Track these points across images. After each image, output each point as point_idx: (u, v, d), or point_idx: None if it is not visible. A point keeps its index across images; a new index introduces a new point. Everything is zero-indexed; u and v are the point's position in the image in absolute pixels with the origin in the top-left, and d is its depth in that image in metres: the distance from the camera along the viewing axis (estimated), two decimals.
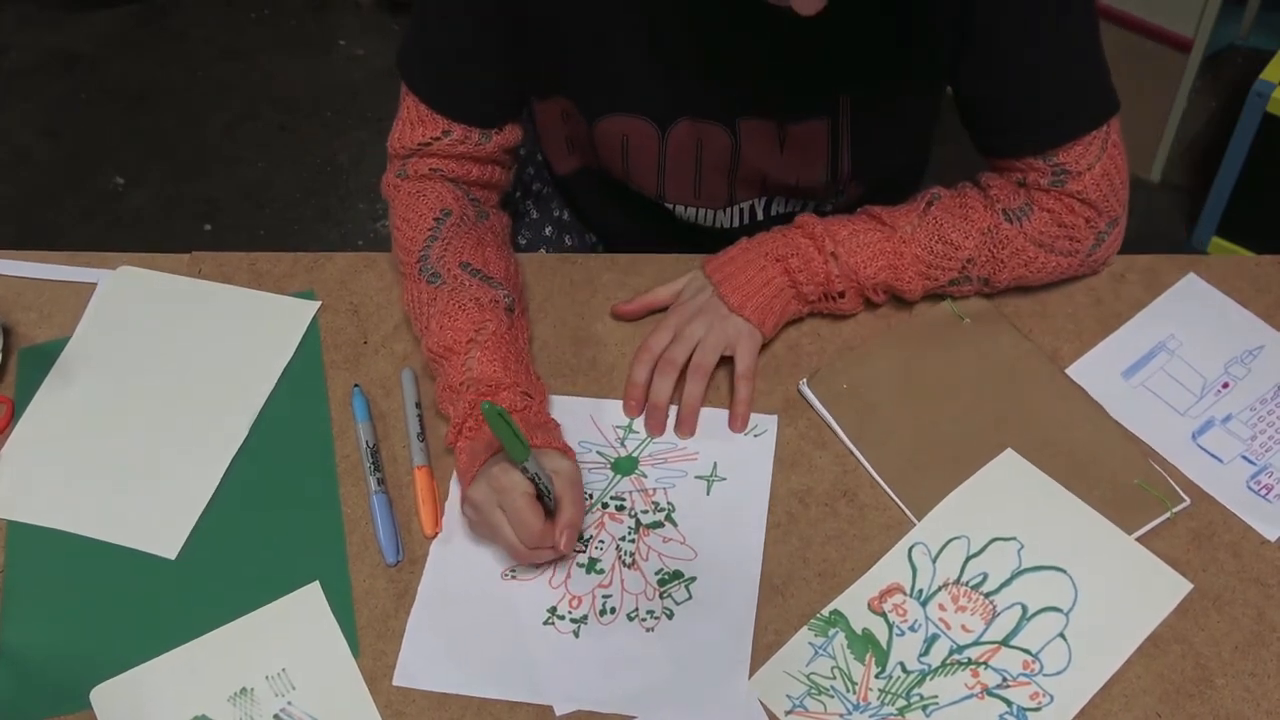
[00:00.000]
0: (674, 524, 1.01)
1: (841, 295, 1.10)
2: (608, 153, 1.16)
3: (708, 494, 1.03)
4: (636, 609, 0.96)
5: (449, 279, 1.06)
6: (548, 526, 0.94)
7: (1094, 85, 1.04)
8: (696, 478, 1.04)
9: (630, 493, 1.03)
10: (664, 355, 1.09)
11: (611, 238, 1.36)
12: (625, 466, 1.05)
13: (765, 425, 1.06)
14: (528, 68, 1.09)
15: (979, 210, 1.08)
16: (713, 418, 1.07)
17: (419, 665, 0.94)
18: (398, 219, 1.12)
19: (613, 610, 0.96)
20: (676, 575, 0.98)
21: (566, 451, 0.99)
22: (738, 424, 1.06)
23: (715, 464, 1.04)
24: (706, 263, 1.13)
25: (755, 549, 0.99)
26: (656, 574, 0.98)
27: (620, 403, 1.08)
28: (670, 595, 0.97)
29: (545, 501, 0.95)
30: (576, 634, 0.95)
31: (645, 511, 1.02)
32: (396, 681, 0.93)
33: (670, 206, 1.22)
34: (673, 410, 1.08)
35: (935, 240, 1.08)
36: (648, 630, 0.95)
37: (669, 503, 1.02)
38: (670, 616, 0.96)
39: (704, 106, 1.10)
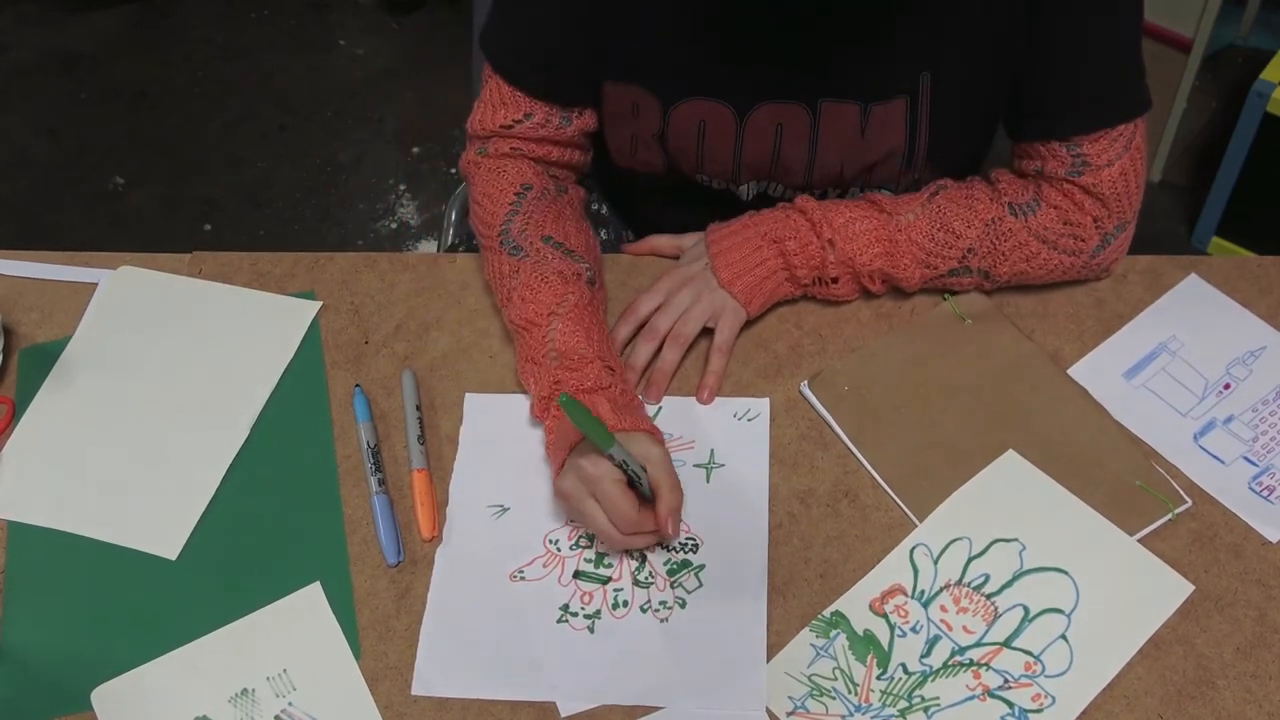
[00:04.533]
0: None
1: (835, 281, 1.10)
2: (681, 140, 1.15)
3: (708, 481, 1.03)
4: (649, 601, 0.97)
5: (531, 252, 1.07)
6: (643, 512, 0.94)
7: (1130, 81, 1.06)
8: (695, 466, 1.04)
9: None
10: (649, 323, 1.11)
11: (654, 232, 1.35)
12: None
13: (758, 409, 1.07)
14: (607, 50, 1.10)
15: (984, 201, 1.09)
16: (705, 406, 1.07)
17: (436, 673, 0.94)
18: (477, 194, 1.14)
19: (625, 604, 0.97)
20: (685, 564, 0.99)
21: (654, 434, 0.99)
22: (704, 394, 1.07)
23: (712, 451, 1.05)
24: (710, 230, 1.13)
25: (761, 532, 0.99)
26: (665, 564, 0.98)
27: None
28: (681, 585, 0.97)
29: (637, 486, 0.94)
30: (591, 630, 0.95)
31: None
32: (415, 690, 0.93)
33: (740, 189, 1.21)
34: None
35: (937, 228, 1.08)
36: (662, 621, 0.96)
37: None
38: (683, 606, 0.96)
39: (785, 89, 1.09)
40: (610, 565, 0.99)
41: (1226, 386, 1.07)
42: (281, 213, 2.45)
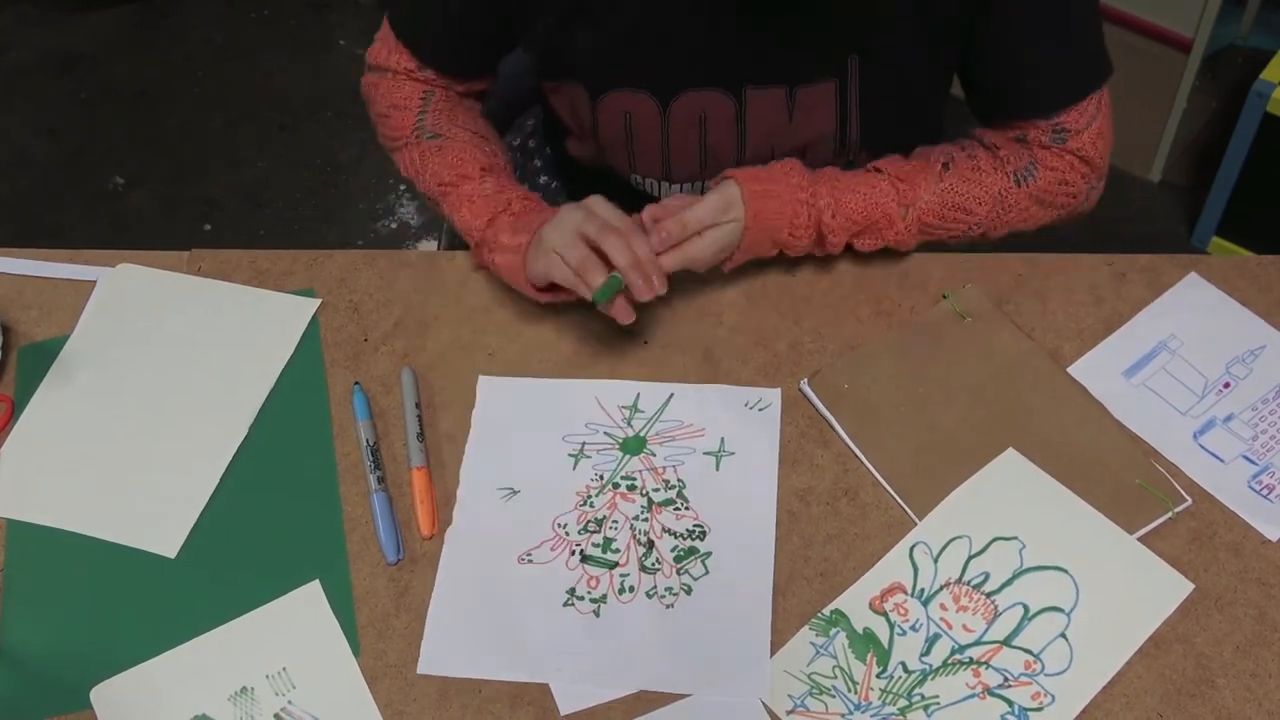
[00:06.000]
0: (686, 500, 1.02)
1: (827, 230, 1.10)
2: (611, 137, 1.16)
3: (717, 469, 1.03)
4: (655, 587, 0.97)
5: (451, 134, 1.14)
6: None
7: (1094, 50, 1.10)
8: (705, 453, 1.04)
9: (640, 472, 1.03)
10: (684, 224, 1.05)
11: None
12: (633, 446, 1.05)
13: (769, 399, 1.07)
14: (522, 38, 1.14)
15: (990, 174, 1.11)
16: (717, 395, 1.08)
17: (442, 653, 0.94)
18: (382, 106, 1.19)
19: (631, 589, 0.97)
20: (692, 551, 0.99)
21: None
22: (660, 234, 1.04)
23: (723, 439, 1.05)
24: (744, 184, 1.06)
25: (768, 521, 1.00)
26: (672, 551, 0.99)
27: (623, 383, 1.09)
28: (688, 571, 0.98)
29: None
30: (597, 614, 0.96)
31: (657, 490, 1.02)
32: (421, 669, 0.93)
33: (671, 191, 1.21)
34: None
35: (949, 207, 1.11)
36: (667, 607, 0.96)
37: (679, 480, 1.03)
38: (689, 592, 0.97)
39: (708, 75, 1.10)
40: (617, 551, 0.99)
41: (1226, 385, 1.07)
42: (281, 213, 2.45)
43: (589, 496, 1.02)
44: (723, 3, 1.05)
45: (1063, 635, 0.93)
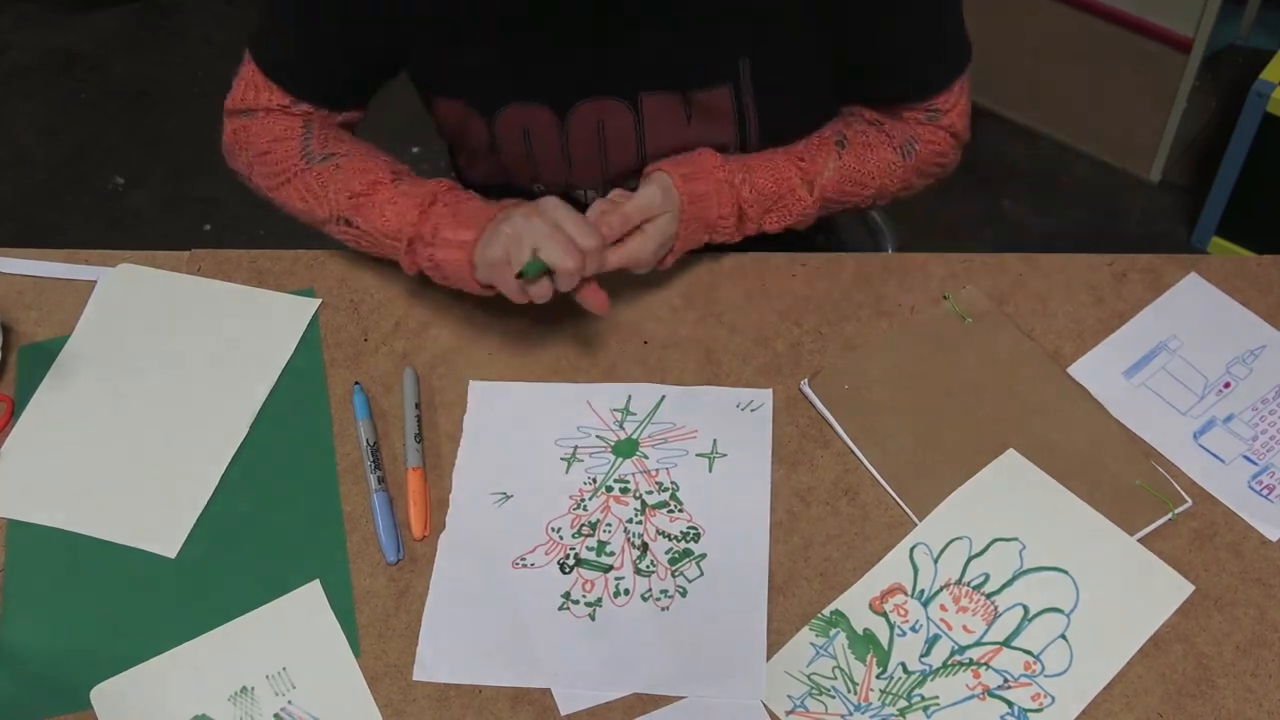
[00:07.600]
0: (679, 503, 1.02)
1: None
2: (511, 151, 1.15)
3: (710, 471, 1.03)
4: (650, 589, 0.97)
5: (345, 151, 1.11)
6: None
7: (959, 37, 1.14)
8: (697, 455, 1.04)
9: (633, 475, 1.03)
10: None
11: None
12: (626, 449, 1.05)
13: (760, 399, 1.07)
14: (407, 60, 1.14)
15: (880, 149, 1.15)
16: (708, 396, 1.08)
17: (438, 659, 0.94)
18: (261, 143, 1.16)
19: (626, 592, 0.97)
20: (687, 553, 0.99)
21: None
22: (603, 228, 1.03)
23: (715, 441, 1.05)
24: (673, 173, 1.07)
25: (762, 522, 1.00)
26: (667, 553, 0.99)
27: (614, 385, 1.09)
28: (682, 573, 0.98)
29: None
30: (593, 617, 0.96)
31: (650, 492, 1.02)
32: (416, 676, 0.93)
33: (582, 195, 1.21)
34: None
35: (846, 182, 1.14)
36: (663, 609, 0.96)
37: (672, 482, 1.03)
38: (684, 594, 0.97)
39: (602, 84, 1.09)
40: (612, 554, 0.99)
41: (1226, 385, 1.07)
42: (281, 212, 2.45)
43: (582, 500, 1.02)
44: (608, 10, 1.04)
45: (1063, 636, 0.93)
